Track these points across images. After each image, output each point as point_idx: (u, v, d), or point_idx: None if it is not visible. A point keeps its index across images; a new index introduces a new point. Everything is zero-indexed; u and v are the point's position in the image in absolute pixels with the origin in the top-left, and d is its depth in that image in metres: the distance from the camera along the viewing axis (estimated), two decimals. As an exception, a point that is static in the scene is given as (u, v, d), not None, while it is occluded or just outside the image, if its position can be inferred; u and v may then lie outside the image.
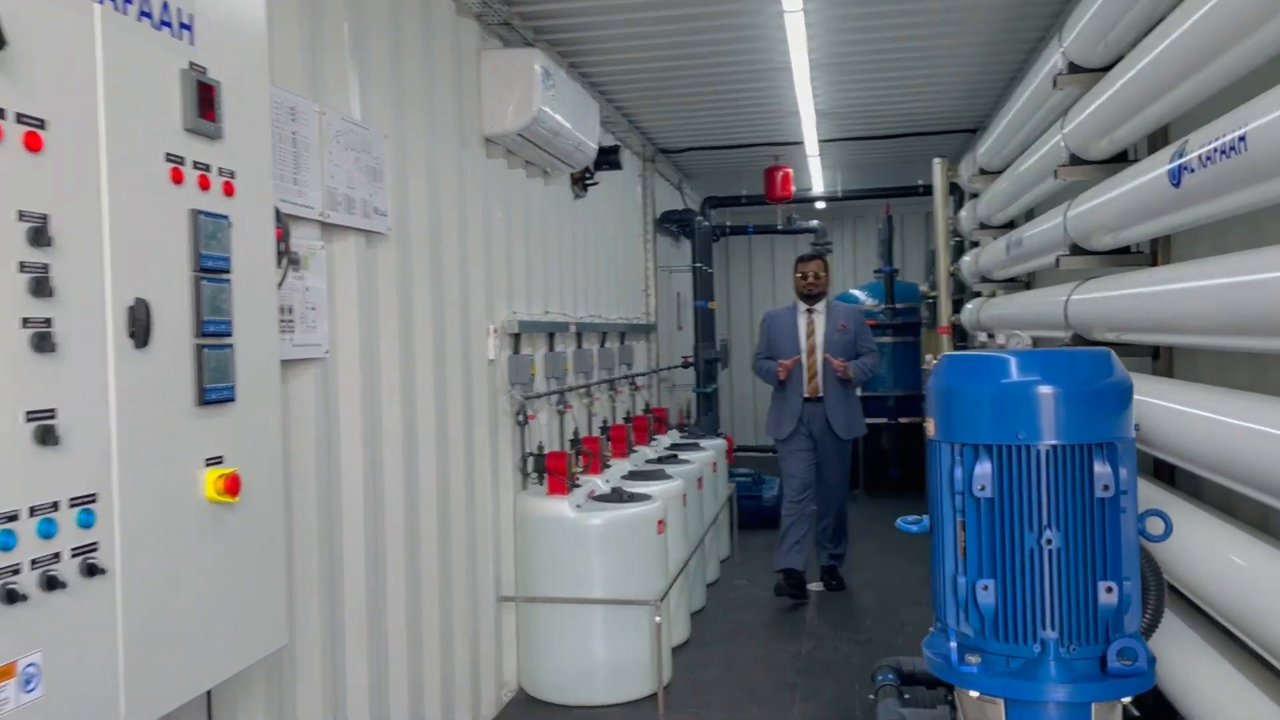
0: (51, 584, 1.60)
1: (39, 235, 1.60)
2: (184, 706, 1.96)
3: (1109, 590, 1.71)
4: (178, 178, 1.91)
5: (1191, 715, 2.53)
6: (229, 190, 2.03)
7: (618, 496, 4.74)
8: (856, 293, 10.39)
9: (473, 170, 4.43)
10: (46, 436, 1.60)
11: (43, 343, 1.60)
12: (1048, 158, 4.39)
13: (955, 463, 1.78)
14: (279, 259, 2.33)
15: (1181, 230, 3.09)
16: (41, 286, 1.60)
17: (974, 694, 1.84)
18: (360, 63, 3.44)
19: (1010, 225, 6.41)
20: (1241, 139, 2.16)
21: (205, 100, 1.94)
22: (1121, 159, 3.91)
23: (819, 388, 6.04)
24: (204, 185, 1.96)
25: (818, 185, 10.14)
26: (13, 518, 1.56)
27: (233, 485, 1.93)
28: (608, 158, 6.14)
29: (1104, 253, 3.94)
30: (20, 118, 1.58)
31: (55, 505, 1.64)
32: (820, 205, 11.41)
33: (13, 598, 1.54)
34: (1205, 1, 2.56)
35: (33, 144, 1.60)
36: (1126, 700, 1.94)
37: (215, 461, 1.96)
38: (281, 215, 2.38)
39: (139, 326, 1.79)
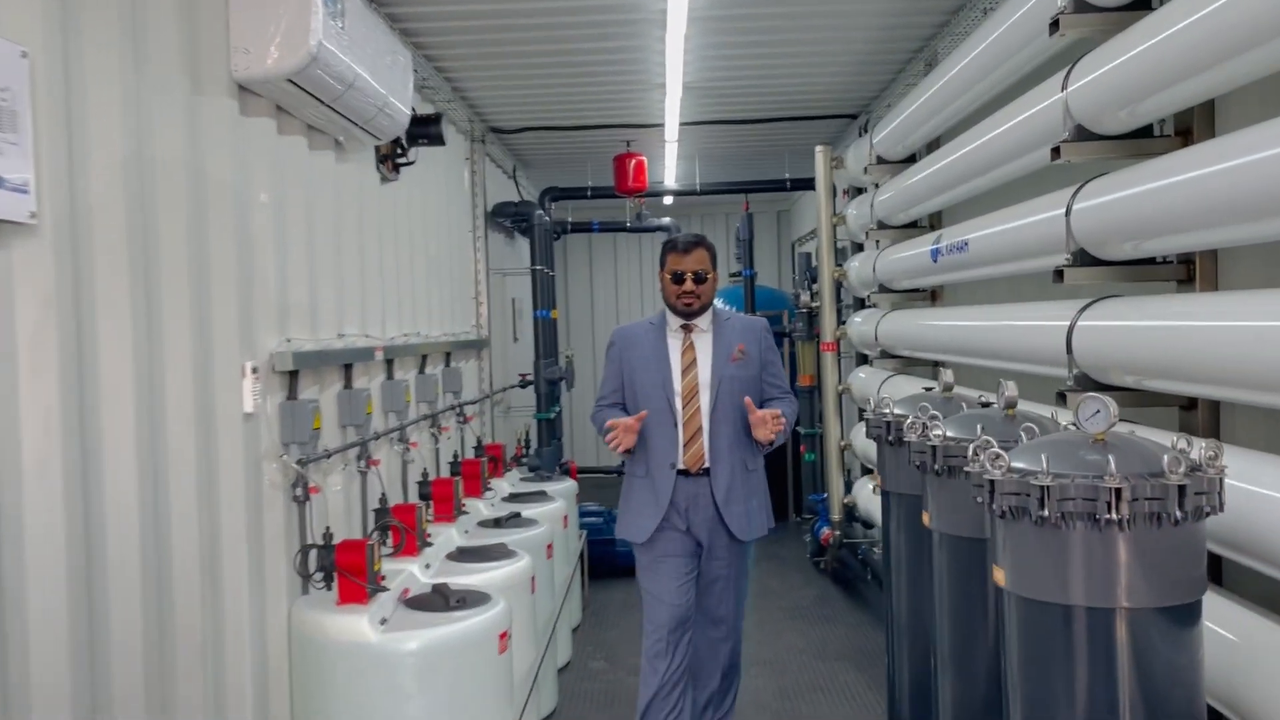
0: None
1: None
2: None
3: None
4: None
5: None
6: None
7: (442, 600, 3.34)
8: (711, 298, 9.30)
9: (215, 129, 2.95)
10: None
11: None
12: (1023, 131, 3.30)
13: None
14: None
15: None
16: None
17: None
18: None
19: (914, 225, 5.41)
20: None
21: None
22: (1145, 134, 2.84)
23: (704, 455, 3.43)
24: None
25: (671, 178, 8.96)
26: None
27: None
28: (426, 129, 4.70)
29: (1118, 264, 2.88)
30: None
31: None
32: (668, 200, 10.25)
33: None
34: None
35: None
36: None
37: None
38: None
39: None
